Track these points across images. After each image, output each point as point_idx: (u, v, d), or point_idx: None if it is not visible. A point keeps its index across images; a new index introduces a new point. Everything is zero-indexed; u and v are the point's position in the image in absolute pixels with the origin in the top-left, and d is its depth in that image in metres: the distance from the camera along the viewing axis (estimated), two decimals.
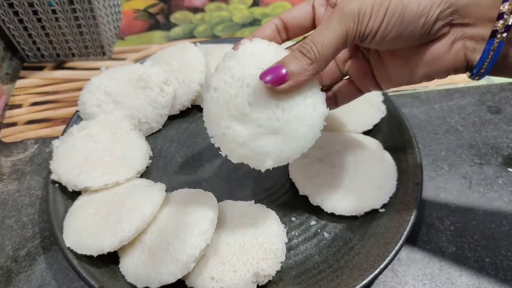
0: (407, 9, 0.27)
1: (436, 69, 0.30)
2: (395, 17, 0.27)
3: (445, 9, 0.27)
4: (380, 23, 0.28)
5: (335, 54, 0.29)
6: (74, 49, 0.63)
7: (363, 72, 0.35)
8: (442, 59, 0.29)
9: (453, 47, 0.29)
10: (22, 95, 0.60)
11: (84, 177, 0.43)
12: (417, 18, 0.27)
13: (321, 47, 0.28)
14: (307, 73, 0.29)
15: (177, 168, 0.48)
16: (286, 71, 0.29)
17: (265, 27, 0.34)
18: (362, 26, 0.28)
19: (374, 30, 0.28)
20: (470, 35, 0.28)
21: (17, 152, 0.53)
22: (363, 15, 0.28)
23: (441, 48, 0.29)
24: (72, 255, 0.38)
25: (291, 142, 0.31)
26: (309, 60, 0.29)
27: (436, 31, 0.28)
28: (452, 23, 0.28)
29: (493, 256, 0.41)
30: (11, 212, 0.46)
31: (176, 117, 0.53)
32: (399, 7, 0.27)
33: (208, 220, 0.37)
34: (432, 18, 0.27)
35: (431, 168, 0.48)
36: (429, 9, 0.27)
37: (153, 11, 0.75)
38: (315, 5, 0.34)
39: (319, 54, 0.28)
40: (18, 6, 0.57)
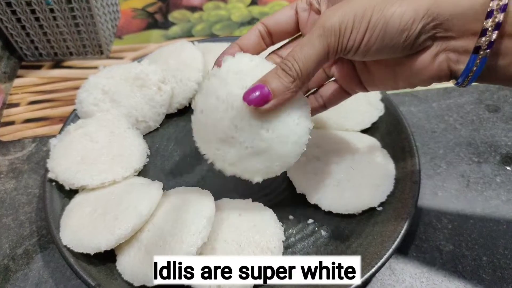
0: (389, 24, 0.27)
1: (420, 79, 0.30)
2: (377, 30, 0.27)
3: (428, 22, 0.26)
4: (362, 37, 0.28)
5: (317, 69, 0.29)
6: (72, 48, 0.63)
7: (349, 76, 0.35)
8: (425, 70, 0.29)
9: (436, 59, 0.28)
10: (20, 94, 0.60)
11: (81, 175, 0.42)
12: (399, 32, 0.27)
13: (302, 64, 0.28)
14: (290, 91, 0.29)
15: (174, 167, 0.48)
16: (268, 90, 0.29)
17: (249, 35, 0.34)
18: (344, 40, 0.28)
19: (357, 44, 0.28)
20: (454, 48, 0.27)
21: (14, 150, 0.53)
22: (344, 29, 0.28)
23: (425, 60, 0.29)
24: (69, 253, 0.38)
25: (277, 160, 0.32)
26: (291, 78, 0.29)
27: (419, 44, 0.28)
28: (435, 36, 0.27)
29: (490, 254, 0.41)
30: (9, 211, 0.46)
31: (173, 116, 0.53)
32: (381, 21, 0.27)
33: (205, 218, 0.37)
34: (415, 32, 0.27)
35: (429, 167, 0.48)
36: (411, 23, 0.26)
37: (151, 10, 0.75)
38: (298, 10, 0.34)
39: (300, 72, 0.28)
40: (16, 5, 0.56)
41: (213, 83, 0.32)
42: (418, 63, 0.29)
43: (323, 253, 0.40)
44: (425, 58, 0.28)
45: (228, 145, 0.33)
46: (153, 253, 0.36)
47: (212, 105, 0.32)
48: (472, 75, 0.27)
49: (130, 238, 0.38)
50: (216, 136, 0.33)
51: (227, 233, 0.38)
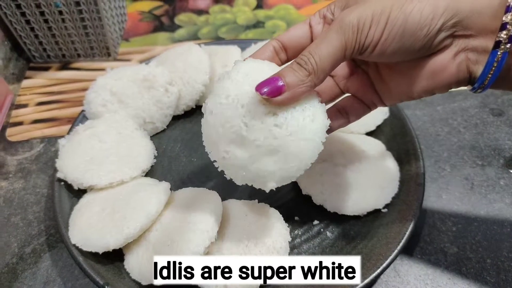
0: (409, 19, 0.26)
1: (438, 83, 0.29)
2: (397, 27, 0.27)
3: (448, 19, 0.26)
4: (381, 33, 0.27)
5: (334, 67, 0.28)
6: (79, 50, 0.64)
7: (365, 88, 0.35)
8: (444, 72, 0.28)
9: (455, 60, 0.28)
10: (28, 95, 0.61)
11: (90, 175, 0.43)
12: (419, 28, 0.26)
13: (318, 58, 0.28)
14: (305, 85, 0.28)
15: (181, 168, 0.48)
16: (283, 82, 0.28)
17: (263, 50, 0.33)
18: (361, 37, 0.27)
19: (375, 41, 0.27)
20: (473, 47, 0.27)
21: (23, 151, 0.53)
22: (363, 25, 0.27)
23: (443, 61, 0.28)
24: (78, 252, 0.38)
25: (292, 160, 0.30)
26: (306, 71, 0.28)
27: (438, 43, 0.27)
28: (454, 34, 0.27)
29: (494, 257, 0.41)
30: (17, 210, 0.47)
31: (180, 117, 0.54)
32: (401, 17, 0.26)
33: (212, 218, 0.37)
34: (435, 28, 0.26)
35: (433, 169, 0.48)
36: (431, 19, 0.26)
37: (157, 13, 0.75)
38: (312, 23, 0.33)
39: (316, 66, 0.28)
40: (25, 7, 0.57)
41: (223, 84, 0.31)
42: (437, 64, 0.28)
43: (329, 254, 0.40)
44: (444, 58, 0.28)
45: (238, 146, 0.30)
46: (161, 253, 0.37)
47: (221, 104, 0.30)
48: (491, 76, 0.27)
49: (138, 238, 0.39)
50: (226, 137, 0.30)
51: (234, 233, 0.39)
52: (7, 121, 0.57)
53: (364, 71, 0.35)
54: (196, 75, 0.52)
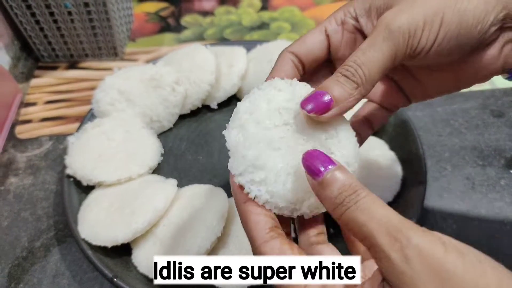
0: (463, 19, 0.25)
1: (484, 75, 0.28)
2: (453, 27, 0.25)
3: (499, 12, 0.25)
4: (435, 36, 0.25)
5: (382, 76, 0.26)
6: (87, 50, 0.65)
7: (389, 93, 0.33)
8: (491, 64, 0.28)
9: (503, 51, 0.27)
10: (37, 94, 0.62)
11: (98, 172, 0.44)
12: (474, 26, 0.25)
13: (367, 69, 0.25)
14: (353, 98, 0.25)
15: (187, 166, 0.49)
16: (330, 97, 0.25)
17: (282, 65, 0.29)
18: (414, 42, 0.25)
19: (429, 45, 0.25)
20: None
21: (32, 148, 0.54)
22: (415, 30, 0.25)
23: (492, 54, 0.27)
24: (87, 246, 0.39)
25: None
26: (354, 84, 0.25)
27: (488, 37, 0.26)
28: (503, 26, 0.26)
29: (495, 255, 0.42)
30: (27, 205, 0.48)
31: (186, 117, 0.55)
32: (456, 18, 0.25)
33: (218, 214, 0.38)
34: (488, 24, 0.25)
35: (435, 169, 0.49)
36: (484, 15, 0.25)
37: (164, 14, 0.77)
38: (329, 32, 0.29)
39: (365, 77, 0.25)
40: (35, 8, 0.59)
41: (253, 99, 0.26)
42: (485, 58, 0.27)
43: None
44: (492, 51, 0.27)
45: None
46: (168, 247, 0.38)
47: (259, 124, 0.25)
48: None
49: (146, 232, 0.40)
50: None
51: (240, 229, 0.40)
52: (16, 119, 0.58)
53: (388, 77, 0.33)
54: (202, 75, 0.53)
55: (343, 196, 0.21)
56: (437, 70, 0.30)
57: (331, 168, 0.22)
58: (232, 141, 0.25)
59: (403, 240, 0.19)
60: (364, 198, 0.21)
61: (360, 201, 0.21)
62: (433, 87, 0.31)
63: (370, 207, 0.21)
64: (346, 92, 0.25)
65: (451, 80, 0.30)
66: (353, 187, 0.21)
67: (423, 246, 0.19)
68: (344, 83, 0.25)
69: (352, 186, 0.21)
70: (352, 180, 0.22)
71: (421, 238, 0.19)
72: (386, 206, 0.21)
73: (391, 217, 0.20)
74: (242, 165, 0.25)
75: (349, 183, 0.22)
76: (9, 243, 0.45)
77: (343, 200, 0.21)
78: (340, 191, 0.22)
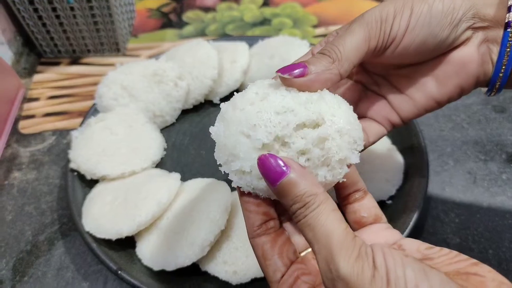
0: (433, 8, 0.27)
1: (466, 77, 0.29)
2: (423, 15, 0.27)
3: (467, 10, 0.27)
4: (407, 22, 0.27)
5: (358, 58, 0.27)
6: (90, 45, 0.65)
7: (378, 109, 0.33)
8: (470, 63, 0.29)
9: (479, 50, 0.28)
10: (40, 89, 0.62)
11: (102, 166, 0.44)
12: (444, 16, 0.27)
13: (342, 48, 0.27)
14: (329, 71, 0.26)
15: (190, 160, 0.50)
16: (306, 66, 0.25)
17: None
18: (386, 27, 0.27)
19: (402, 30, 0.27)
20: (492, 38, 0.28)
21: (35, 143, 0.54)
22: (386, 17, 0.27)
23: (468, 52, 0.28)
24: (91, 239, 0.39)
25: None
26: (330, 59, 0.26)
27: (461, 33, 0.28)
28: (474, 26, 0.28)
29: (496, 248, 0.42)
30: (30, 200, 0.48)
31: (189, 111, 0.55)
32: (425, 7, 0.27)
33: (221, 207, 0.39)
34: (457, 17, 0.27)
35: (437, 163, 0.49)
36: (453, 8, 0.27)
37: (165, 10, 0.77)
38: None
39: (341, 54, 0.26)
40: (38, 3, 0.59)
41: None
42: (463, 55, 0.29)
43: None
44: (469, 49, 0.28)
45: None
46: (172, 239, 0.38)
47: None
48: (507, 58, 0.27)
49: (150, 226, 0.40)
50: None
51: (242, 222, 0.40)
52: (19, 114, 0.58)
53: (375, 92, 0.33)
54: (205, 70, 0.53)
55: (295, 208, 0.22)
56: (418, 76, 0.30)
57: (283, 179, 0.22)
58: (214, 132, 0.26)
59: (333, 271, 0.20)
60: (311, 212, 0.21)
61: (308, 216, 0.22)
62: (420, 98, 0.31)
63: (316, 224, 0.21)
64: (322, 65, 0.26)
65: (434, 87, 0.30)
66: (304, 199, 0.22)
67: (349, 278, 0.19)
68: (320, 57, 0.26)
69: (303, 197, 0.22)
70: (305, 188, 0.22)
71: (349, 269, 0.19)
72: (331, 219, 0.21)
73: (331, 238, 0.21)
74: (223, 155, 0.25)
75: (301, 194, 0.22)
76: (13, 237, 0.45)
77: (295, 211, 0.22)
78: (293, 202, 0.22)
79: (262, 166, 0.23)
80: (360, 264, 0.19)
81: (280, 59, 0.54)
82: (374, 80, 0.33)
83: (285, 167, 0.22)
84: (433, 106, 0.31)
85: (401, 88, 0.32)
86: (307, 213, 0.21)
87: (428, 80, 0.30)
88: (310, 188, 0.22)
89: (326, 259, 0.20)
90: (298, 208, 0.22)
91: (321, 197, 0.22)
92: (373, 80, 0.33)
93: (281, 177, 0.22)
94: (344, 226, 0.21)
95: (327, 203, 0.22)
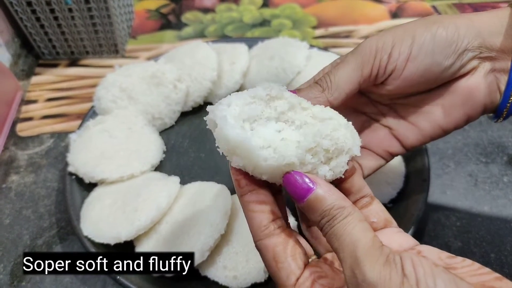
0: (436, 36, 0.27)
1: (473, 106, 0.29)
2: (426, 43, 0.27)
3: (472, 39, 0.27)
4: (409, 51, 0.27)
5: (350, 86, 0.28)
6: (88, 47, 0.65)
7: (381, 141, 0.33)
8: (477, 92, 0.29)
9: (486, 79, 0.28)
10: (38, 91, 0.62)
11: (101, 169, 0.44)
12: (448, 44, 0.27)
13: (333, 77, 0.28)
14: (317, 99, 0.28)
15: (189, 163, 0.49)
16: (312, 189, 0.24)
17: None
18: (383, 55, 0.27)
19: (402, 58, 0.27)
20: (499, 68, 0.28)
21: (33, 145, 0.54)
22: (382, 45, 0.27)
23: (475, 82, 0.28)
24: (90, 244, 0.39)
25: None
26: (320, 87, 0.28)
27: (466, 62, 0.28)
28: (480, 56, 0.28)
29: (498, 251, 0.42)
30: (28, 203, 0.48)
31: (188, 114, 0.55)
32: (428, 35, 0.27)
33: (221, 211, 0.38)
34: (462, 45, 0.27)
35: (438, 166, 0.49)
36: (457, 36, 0.27)
37: (164, 11, 0.76)
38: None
39: (331, 83, 0.28)
40: (36, 5, 0.58)
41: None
42: (470, 84, 0.29)
43: None
44: (476, 79, 0.28)
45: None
46: (171, 244, 0.38)
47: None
48: None
49: (149, 230, 0.39)
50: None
51: (243, 225, 0.40)
52: (17, 116, 0.58)
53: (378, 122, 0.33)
54: (204, 72, 0.53)
55: (324, 222, 0.22)
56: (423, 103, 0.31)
57: (310, 195, 0.22)
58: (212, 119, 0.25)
59: (359, 276, 0.20)
60: (339, 223, 0.22)
61: (335, 226, 0.22)
62: (426, 126, 0.31)
63: (342, 233, 0.21)
64: (312, 93, 0.28)
65: (441, 116, 0.30)
66: (331, 212, 0.22)
67: (376, 283, 0.19)
68: (312, 87, 0.28)
69: (331, 211, 0.22)
70: (333, 202, 0.22)
71: (376, 274, 0.19)
72: (358, 229, 0.21)
73: (357, 245, 0.20)
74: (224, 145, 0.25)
75: (329, 208, 0.22)
76: (11, 241, 0.44)
77: (324, 225, 0.22)
78: (321, 217, 0.22)
79: (288, 183, 0.23)
80: (388, 270, 0.19)
81: (280, 60, 0.54)
82: (379, 110, 0.33)
83: (311, 183, 0.22)
84: (439, 134, 0.31)
85: (407, 117, 0.32)
86: (335, 224, 0.22)
87: (434, 109, 0.30)
88: (338, 202, 0.22)
89: (351, 266, 0.20)
90: (326, 222, 0.22)
91: (349, 209, 0.22)
92: (378, 110, 0.33)
93: (308, 193, 0.22)
94: (371, 235, 0.21)
95: (354, 214, 0.22)
